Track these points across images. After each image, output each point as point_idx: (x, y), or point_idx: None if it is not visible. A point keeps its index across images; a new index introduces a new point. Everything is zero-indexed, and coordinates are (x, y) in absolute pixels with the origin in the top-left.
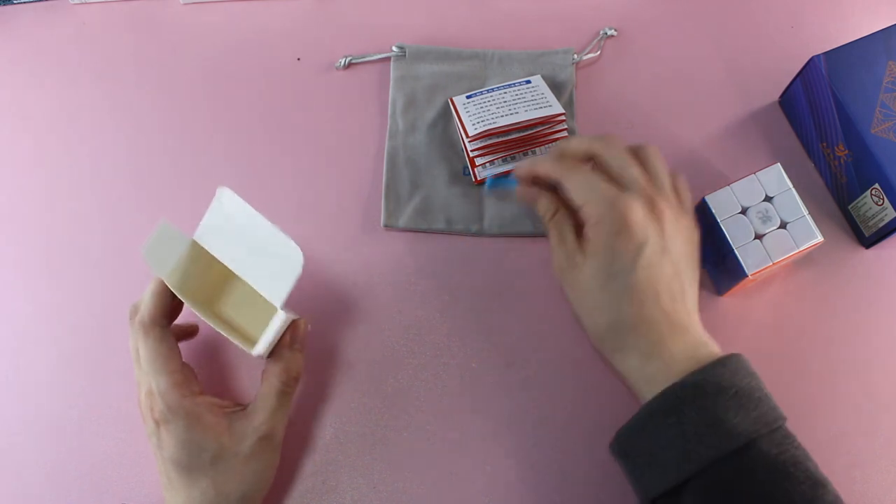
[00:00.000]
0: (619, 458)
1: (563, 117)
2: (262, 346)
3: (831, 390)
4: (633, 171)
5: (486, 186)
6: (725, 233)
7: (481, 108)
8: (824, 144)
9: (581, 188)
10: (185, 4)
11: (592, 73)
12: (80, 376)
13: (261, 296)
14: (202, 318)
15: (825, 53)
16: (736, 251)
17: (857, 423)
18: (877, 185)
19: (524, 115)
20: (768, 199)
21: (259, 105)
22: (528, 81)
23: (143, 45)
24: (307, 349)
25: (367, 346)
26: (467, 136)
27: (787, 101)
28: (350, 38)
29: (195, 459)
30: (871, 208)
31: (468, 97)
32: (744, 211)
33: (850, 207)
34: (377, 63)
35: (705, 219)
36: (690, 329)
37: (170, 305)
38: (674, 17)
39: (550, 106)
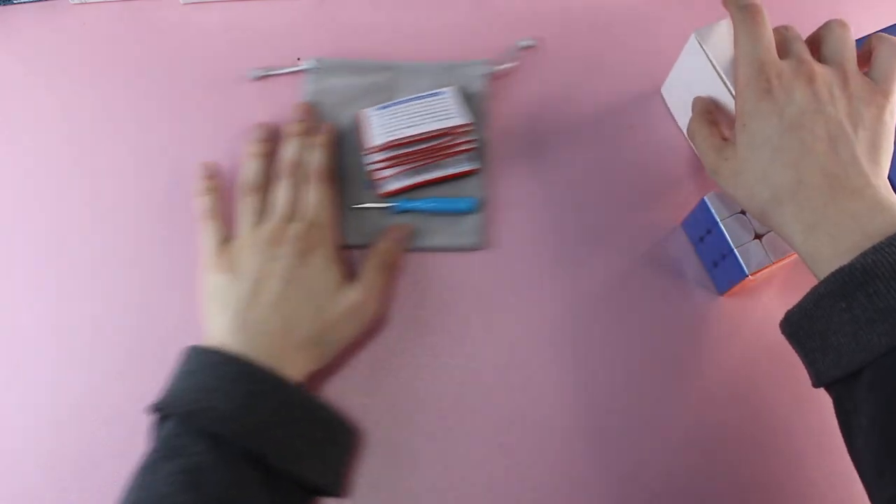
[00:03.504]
0: (789, 338)
1: (468, 128)
2: None
3: None
4: (798, 45)
5: (395, 212)
6: (725, 233)
7: (389, 119)
8: None
9: (741, 42)
10: (185, 4)
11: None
12: (79, 376)
13: None
14: None
15: None
16: (736, 251)
17: None
18: None
19: (429, 126)
20: None
21: (260, 105)
22: (439, 93)
23: (142, 44)
24: None
25: (366, 346)
26: (367, 149)
27: None
28: (350, 38)
29: (320, 290)
30: None
31: (377, 109)
32: (744, 211)
33: None
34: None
35: (705, 219)
36: (864, 193)
37: None
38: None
39: (455, 117)
